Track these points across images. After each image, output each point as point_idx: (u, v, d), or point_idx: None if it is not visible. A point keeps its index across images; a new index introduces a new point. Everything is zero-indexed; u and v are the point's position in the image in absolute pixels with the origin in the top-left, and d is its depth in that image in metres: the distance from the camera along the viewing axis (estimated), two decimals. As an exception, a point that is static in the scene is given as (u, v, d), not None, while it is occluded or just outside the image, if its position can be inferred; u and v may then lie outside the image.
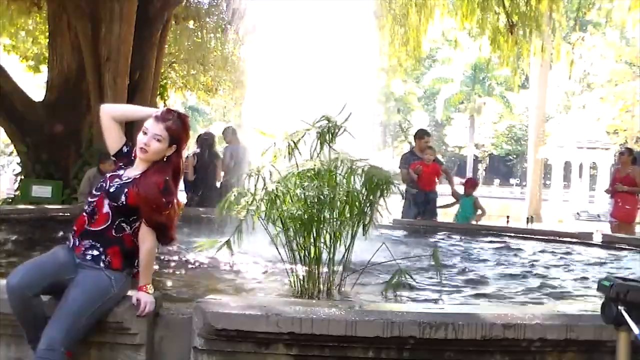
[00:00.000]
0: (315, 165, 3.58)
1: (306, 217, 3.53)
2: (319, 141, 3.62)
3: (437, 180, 9.56)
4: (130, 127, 3.18)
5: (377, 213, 3.69)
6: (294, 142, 3.62)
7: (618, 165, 10.40)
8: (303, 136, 3.63)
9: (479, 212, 9.89)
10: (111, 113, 3.06)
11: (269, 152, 3.71)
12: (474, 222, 9.59)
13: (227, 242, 3.54)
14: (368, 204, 3.67)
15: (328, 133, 3.61)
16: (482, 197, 11.45)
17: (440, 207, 9.95)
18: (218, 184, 10.18)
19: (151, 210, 2.81)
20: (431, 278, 4.49)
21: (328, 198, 3.51)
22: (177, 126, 2.92)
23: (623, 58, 29.03)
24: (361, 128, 6.29)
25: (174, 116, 2.94)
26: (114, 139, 3.04)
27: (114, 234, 2.85)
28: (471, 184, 10.20)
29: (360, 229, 3.73)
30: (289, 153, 3.62)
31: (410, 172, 9.12)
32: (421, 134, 9.94)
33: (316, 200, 3.53)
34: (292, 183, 3.61)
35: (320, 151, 3.64)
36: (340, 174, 3.65)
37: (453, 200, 10.09)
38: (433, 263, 3.79)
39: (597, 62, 30.64)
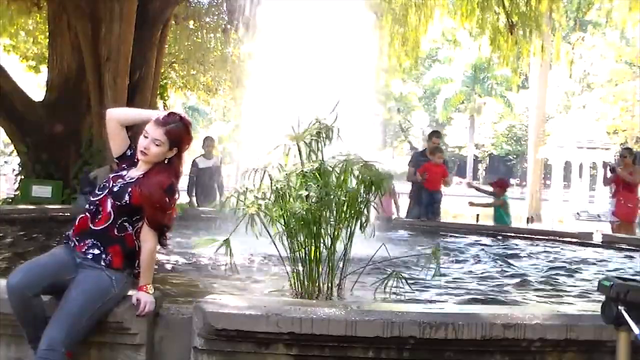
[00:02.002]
0: (319, 165, 3.58)
1: (309, 216, 3.53)
2: (315, 143, 3.63)
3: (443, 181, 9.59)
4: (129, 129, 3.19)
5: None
6: (299, 144, 3.65)
7: (619, 166, 10.38)
8: (306, 136, 3.65)
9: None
10: (117, 117, 3.07)
11: (275, 151, 3.72)
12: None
13: (226, 241, 3.53)
14: (365, 203, 3.67)
15: (321, 135, 3.63)
16: (482, 197, 11.42)
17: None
18: None
19: (154, 209, 2.83)
20: (431, 277, 4.47)
21: (333, 198, 3.52)
22: (178, 130, 2.93)
23: (623, 58, 29.02)
24: (362, 127, 6.32)
25: (176, 120, 2.94)
26: (118, 143, 3.06)
27: (116, 233, 2.85)
28: (499, 185, 10.01)
29: (361, 230, 3.72)
30: (298, 153, 3.65)
31: (418, 174, 9.21)
32: (430, 135, 10.06)
33: (318, 201, 3.53)
34: (294, 182, 3.61)
35: (317, 152, 3.65)
36: (337, 172, 3.65)
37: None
38: (433, 261, 3.77)
39: (597, 62, 30.65)
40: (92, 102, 9.95)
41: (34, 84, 16.12)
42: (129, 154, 3.05)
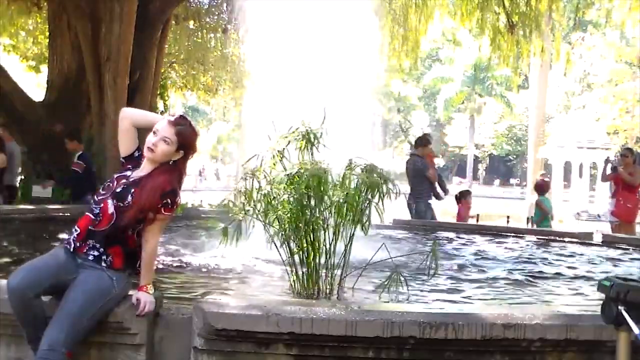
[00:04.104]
0: (303, 170, 3.58)
1: (302, 218, 3.53)
2: (301, 147, 3.66)
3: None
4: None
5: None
6: (280, 152, 3.67)
7: (620, 166, 10.39)
8: (288, 144, 3.67)
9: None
10: (131, 118, 3.08)
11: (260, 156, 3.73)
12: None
13: (225, 230, 3.53)
14: (366, 203, 3.67)
15: (307, 139, 3.65)
16: (482, 197, 11.47)
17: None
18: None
19: (138, 212, 2.82)
20: (429, 276, 4.47)
21: (322, 203, 3.54)
22: (188, 133, 2.96)
23: (623, 58, 29.00)
24: (359, 127, 6.32)
25: (186, 123, 2.98)
26: (128, 143, 3.07)
27: (117, 234, 2.85)
28: (537, 186, 9.93)
29: (362, 230, 3.72)
30: (279, 159, 3.66)
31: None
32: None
33: (308, 204, 3.54)
34: (283, 186, 3.62)
35: (307, 153, 3.67)
36: (336, 173, 3.65)
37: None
38: (431, 260, 3.76)
39: (597, 62, 30.64)
40: (92, 102, 9.97)
41: (34, 84, 16.13)
42: (137, 155, 3.06)
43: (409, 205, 9.52)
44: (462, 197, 10.88)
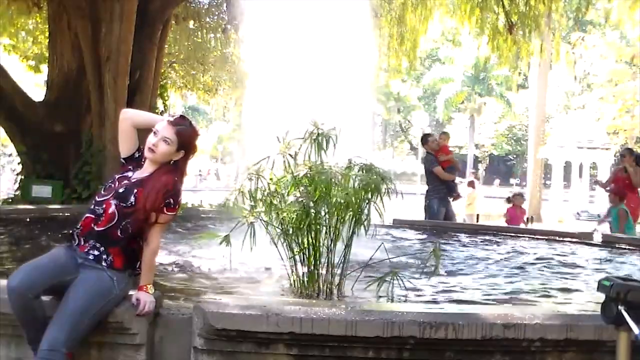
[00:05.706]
0: (310, 172, 3.57)
1: (304, 218, 3.53)
2: (313, 149, 3.65)
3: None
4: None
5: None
6: (290, 155, 3.67)
7: (619, 166, 10.39)
8: (300, 148, 3.66)
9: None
10: (132, 119, 3.09)
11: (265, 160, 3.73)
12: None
13: (226, 237, 3.54)
14: (366, 203, 3.68)
15: (318, 141, 3.65)
16: (483, 197, 11.46)
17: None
18: None
19: (144, 212, 2.82)
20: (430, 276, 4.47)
21: (324, 204, 3.54)
22: (188, 133, 2.97)
23: (623, 58, 28.97)
24: (359, 127, 6.32)
25: (186, 123, 2.99)
26: (128, 144, 3.07)
27: (118, 234, 2.85)
28: (614, 192, 9.67)
29: (360, 230, 3.72)
30: (286, 166, 3.67)
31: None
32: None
33: (312, 205, 3.54)
34: (288, 187, 3.62)
35: (316, 157, 3.67)
36: (337, 173, 3.65)
37: None
38: (433, 260, 3.77)
39: (597, 62, 30.60)
40: (92, 102, 9.95)
41: (34, 84, 16.12)
42: (137, 155, 3.06)
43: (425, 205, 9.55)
44: (514, 199, 10.57)
